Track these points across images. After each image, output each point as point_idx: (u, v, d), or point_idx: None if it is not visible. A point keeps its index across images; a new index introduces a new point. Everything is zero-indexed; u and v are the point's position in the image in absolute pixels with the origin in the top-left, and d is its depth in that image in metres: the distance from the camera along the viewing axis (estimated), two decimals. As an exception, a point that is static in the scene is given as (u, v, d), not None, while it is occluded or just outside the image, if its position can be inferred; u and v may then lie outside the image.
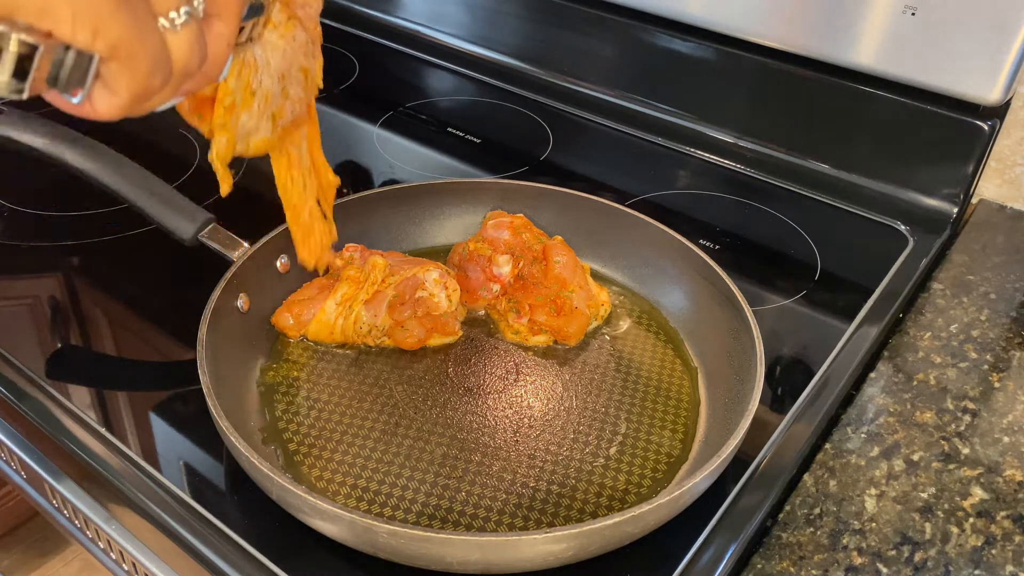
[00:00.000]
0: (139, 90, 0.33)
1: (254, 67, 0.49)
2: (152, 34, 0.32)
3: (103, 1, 0.29)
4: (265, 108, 0.51)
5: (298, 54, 0.53)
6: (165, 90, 0.34)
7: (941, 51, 0.76)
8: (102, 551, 0.61)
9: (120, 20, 0.30)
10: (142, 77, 0.32)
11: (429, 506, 0.52)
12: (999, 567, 0.51)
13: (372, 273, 0.63)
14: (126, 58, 0.31)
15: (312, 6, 0.53)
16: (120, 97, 0.33)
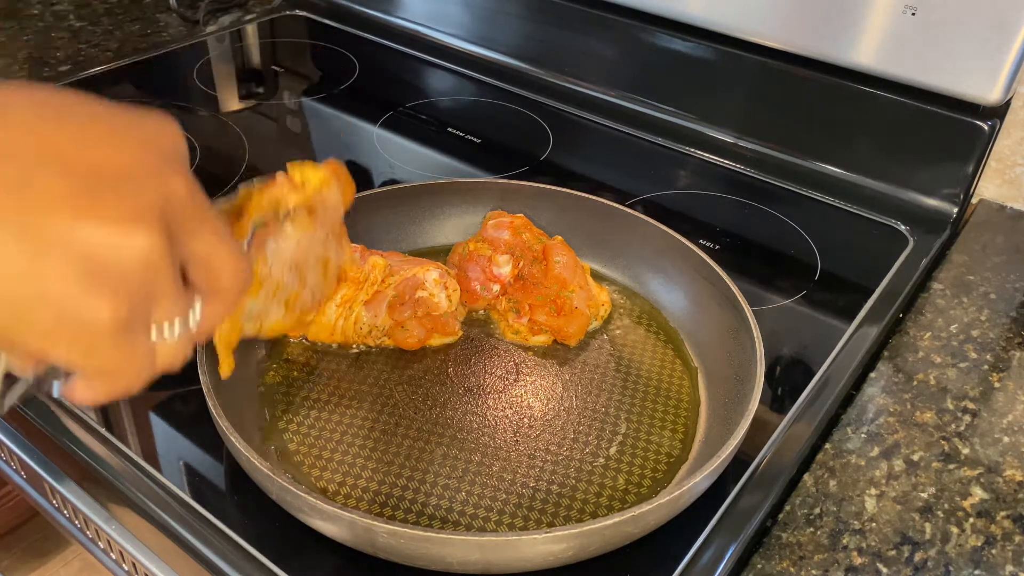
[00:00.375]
0: (118, 394, 0.32)
1: (262, 258, 0.48)
2: (140, 354, 0.31)
3: (103, 337, 0.29)
4: (274, 295, 0.50)
5: (315, 245, 0.52)
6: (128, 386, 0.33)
7: (941, 51, 0.76)
8: (102, 551, 0.60)
9: (113, 353, 0.30)
10: (122, 387, 0.32)
11: (429, 506, 0.52)
12: (999, 567, 0.51)
13: (372, 273, 0.63)
14: (110, 376, 0.31)
15: (336, 209, 0.52)
16: (98, 396, 0.32)
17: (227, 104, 0.99)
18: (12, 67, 1.02)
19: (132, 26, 1.15)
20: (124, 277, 0.29)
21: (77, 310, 0.28)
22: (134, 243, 0.29)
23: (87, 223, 0.28)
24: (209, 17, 1.18)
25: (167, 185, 0.31)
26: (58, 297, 0.28)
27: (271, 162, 0.88)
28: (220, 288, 0.34)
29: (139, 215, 0.29)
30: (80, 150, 0.29)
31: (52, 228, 0.27)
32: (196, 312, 0.34)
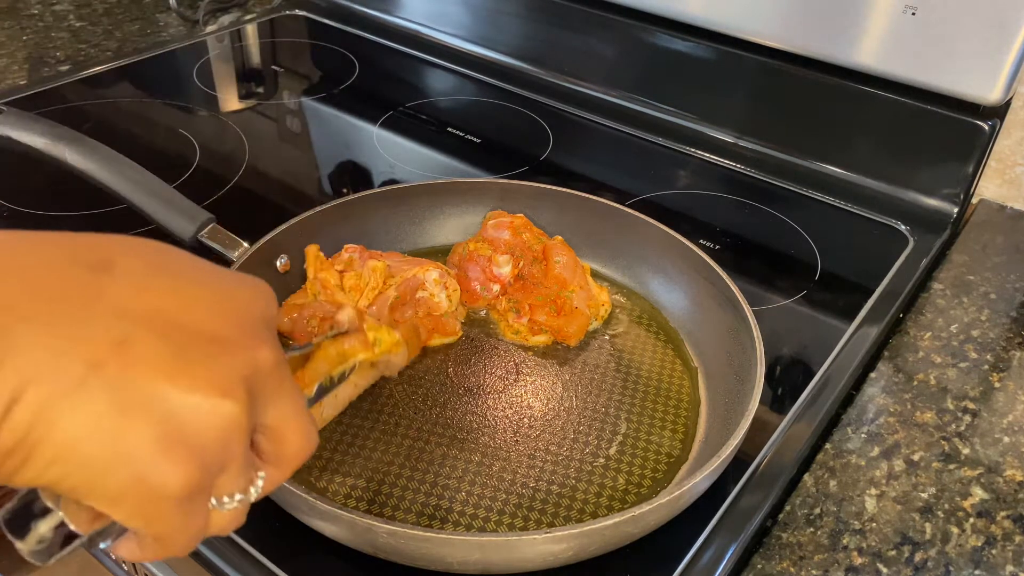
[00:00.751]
0: (165, 556, 0.32)
1: (319, 404, 0.50)
2: (196, 523, 0.31)
3: (170, 503, 0.28)
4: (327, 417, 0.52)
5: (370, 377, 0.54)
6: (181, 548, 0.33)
7: (941, 51, 0.76)
8: (102, 551, 0.60)
9: (175, 520, 0.29)
10: (172, 551, 0.31)
11: (429, 506, 0.52)
12: (999, 567, 0.51)
13: (372, 278, 0.63)
14: (164, 541, 0.30)
15: (399, 364, 0.55)
16: (146, 558, 0.32)
17: (227, 104, 0.99)
18: (12, 67, 1.02)
19: (132, 26, 1.15)
20: (203, 446, 0.29)
21: (151, 474, 0.28)
22: (219, 411, 0.29)
23: (177, 388, 0.28)
24: (209, 17, 1.18)
25: (257, 355, 0.31)
26: (135, 458, 0.27)
27: (271, 162, 0.88)
28: (286, 457, 0.34)
29: (228, 385, 0.29)
30: (182, 314, 0.30)
31: (143, 388, 0.28)
32: (258, 484, 0.33)
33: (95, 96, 0.98)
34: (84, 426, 0.27)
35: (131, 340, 0.28)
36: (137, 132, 0.92)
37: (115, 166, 0.62)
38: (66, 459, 0.27)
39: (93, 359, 0.27)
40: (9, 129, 0.61)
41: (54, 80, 0.99)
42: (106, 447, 0.27)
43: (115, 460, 0.27)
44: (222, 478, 0.31)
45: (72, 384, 0.27)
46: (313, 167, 0.89)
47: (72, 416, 0.27)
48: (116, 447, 0.27)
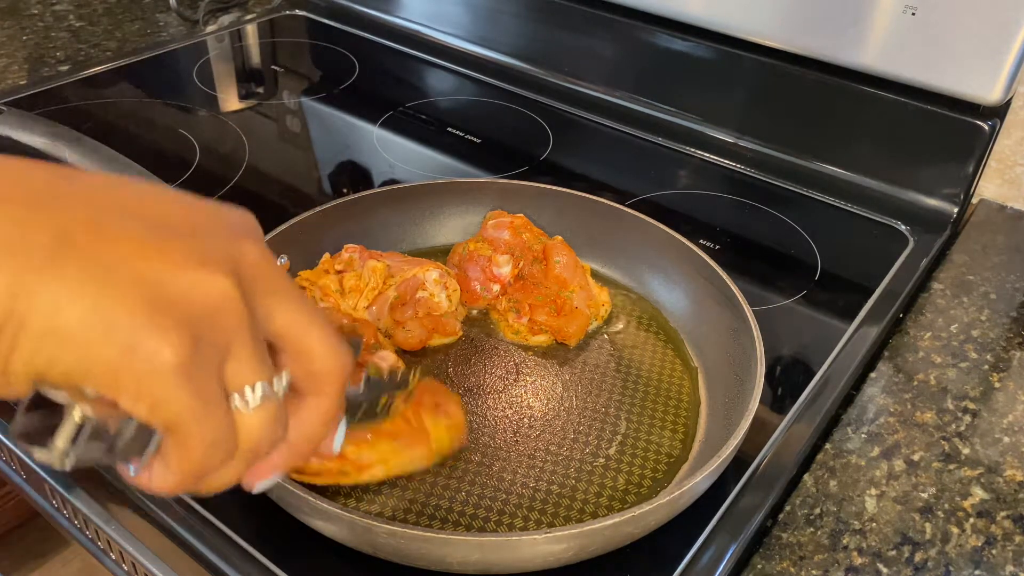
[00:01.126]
0: (193, 468, 0.30)
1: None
2: (214, 414, 0.29)
3: (167, 377, 0.27)
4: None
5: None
6: (230, 469, 0.31)
7: (941, 51, 0.76)
8: (102, 551, 0.60)
9: (180, 398, 0.28)
10: (196, 456, 0.29)
11: (429, 506, 0.52)
12: (999, 567, 0.51)
13: (372, 279, 0.63)
14: (181, 436, 0.29)
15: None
16: (173, 474, 0.30)
17: (227, 104, 0.99)
18: (12, 67, 1.02)
19: (132, 26, 1.15)
20: (192, 315, 0.28)
21: (140, 342, 0.27)
22: (205, 284, 0.28)
23: (156, 262, 0.27)
24: (209, 17, 1.18)
25: (238, 244, 0.30)
26: (120, 326, 0.27)
27: (271, 162, 0.88)
28: (319, 376, 0.32)
29: (207, 261, 0.28)
30: (155, 206, 0.29)
31: (123, 263, 0.27)
32: (283, 381, 0.31)
33: (95, 96, 0.98)
34: (62, 298, 0.26)
35: (102, 221, 0.27)
36: (137, 132, 0.92)
37: (115, 166, 0.62)
38: (52, 337, 0.26)
39: (62, 232, 0.26)
40: (9, 129, 0.61)
41: (54, 80, 1.00)
42: (88, 318, 0.26)
43: (100, 332, 0.26)
44: (230, 364, 0.29)
45: (44, 256, 0.26)
46: (313, 167, 0.89)
47: (48, 289, 0.26)
48: (98, 317, 0.26)
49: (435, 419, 0.53)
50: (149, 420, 0.28)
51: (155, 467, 0.30)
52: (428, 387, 0.56)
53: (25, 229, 0.26)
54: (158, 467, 0.30)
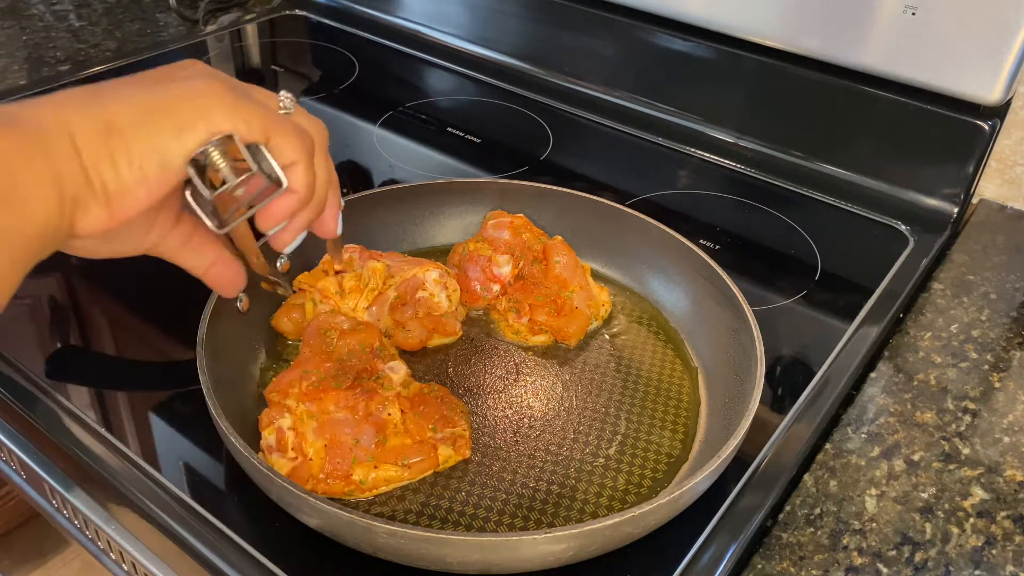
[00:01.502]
0: (302, 148, 0.41)
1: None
2: (278, 114, 0.41)
3: (232, 104, 0.38)
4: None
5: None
6: (320, 154, 0.43)
7: (942, 51, 0.76)
8: (102, 551, 0.60)
9: (248, 110, 0.38)
10: (295, 139, 0.40)
11: (429, 506, 0.52)
12: (999, 567, 0.51)
13: (372, 279, 0.63)
14: (277, 132, 0.40)
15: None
16: (298, 167, 0.41)
17: (227, 104, 0.99)
18: (12, 66, 1.02)
19: (132, 26, 1.15)
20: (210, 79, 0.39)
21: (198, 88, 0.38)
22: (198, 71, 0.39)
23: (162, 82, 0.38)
24: (209, 17, 1.18)
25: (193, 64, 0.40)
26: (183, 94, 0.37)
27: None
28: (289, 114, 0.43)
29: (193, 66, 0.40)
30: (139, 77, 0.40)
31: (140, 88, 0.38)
32: (287, 97, 0.43)
33: (95, 96, 0.98)
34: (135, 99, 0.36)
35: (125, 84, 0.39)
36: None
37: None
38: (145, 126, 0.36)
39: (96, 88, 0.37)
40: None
41: (54, 80, 0.99)
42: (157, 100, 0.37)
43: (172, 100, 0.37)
44: (254, 96, 0.40)
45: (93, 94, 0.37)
46: (313, 167, 0.89)
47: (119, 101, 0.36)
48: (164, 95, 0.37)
49: (440, 433, 0.53)
50: (249, 137, 0.38)
51: (290, 175, 0.41)
52: (433, 396, 0.56)
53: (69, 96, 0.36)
54: (291, 174, 0.41)
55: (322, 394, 0.53)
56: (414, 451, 0.52)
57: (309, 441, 0.51)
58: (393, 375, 0.56)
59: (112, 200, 0.36)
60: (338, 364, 0.55)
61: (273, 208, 0.42)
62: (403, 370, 0.57)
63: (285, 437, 0.52)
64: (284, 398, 0.54)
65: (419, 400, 0.55)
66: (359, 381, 0.55)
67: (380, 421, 0.53)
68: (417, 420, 0.53)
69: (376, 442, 0.52)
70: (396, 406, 0.54)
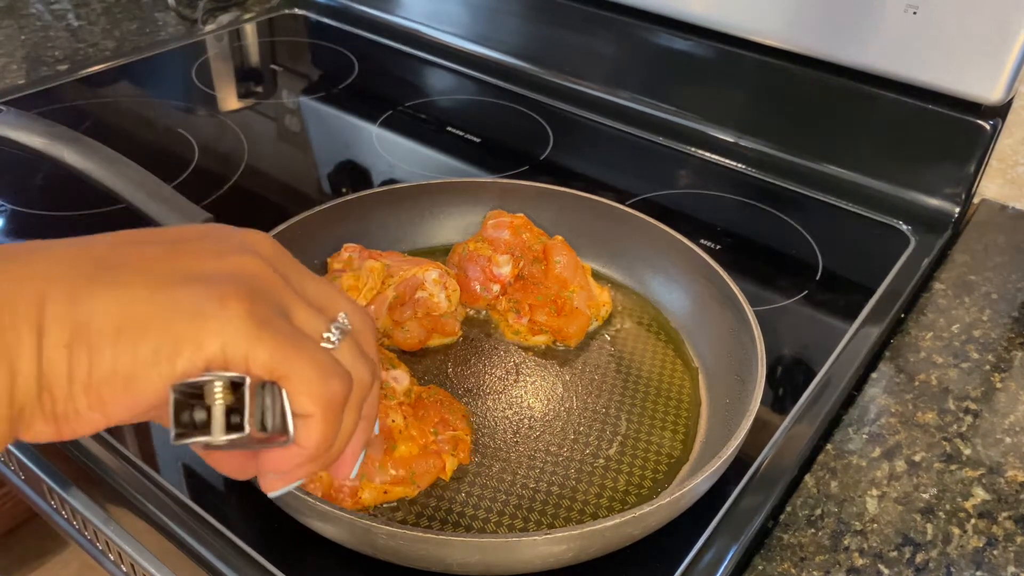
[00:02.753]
0: (323, 400, 0.32)
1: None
2: (308, 347, 0.32)
3: (244, 324, 0.30)
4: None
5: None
6: (353, 405, 0.34)
7: (943, 50, 0.75)
8: (101, 552, 0.60)
9: (270, 338, 0.30)
10: (317, 387, 0.32)
11: (429, 507, 0.52)
12: (1001, 568, 0.50)
13: (370, 279, 0.63)
14: (295, 376, 0.31)
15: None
16: (313, 421, 0.32)
17: (226, 103, 0.99)
18: (11, 66, 1.02)
19: (130, 25, 1.15)
20: (235, 280, 0.31)
21: (204, 306, 0.30)
22: (232, 262, 0.32)
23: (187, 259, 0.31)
24: (208, 16, 1.18)
25: (251, 240, 0.34)
26: (183, 303, 0.30)
27: (270, 161, 0.88)
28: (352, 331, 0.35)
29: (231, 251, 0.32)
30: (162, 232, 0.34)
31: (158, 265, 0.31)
32: (345, 320, 0.35)
33: (94, 96, 0.98)
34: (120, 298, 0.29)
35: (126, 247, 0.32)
36: (136, 132, 0.92)
37: (114, 166, 0.62)
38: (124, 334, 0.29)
39: (97, 259, 0.30)
40: (8, 129, 0.61)
41: (53, 80, 0.99)
42: (151, 306, 0.29)
43: (166, 313, 0.29)
44: (296, 318, 0.33)
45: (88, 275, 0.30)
46: (312, 167, 0.89)
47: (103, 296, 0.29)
48: (159, 302, 0.30)
49: (442, 435, 0.53)
50: (256, 372, 0.31)
51: (300, 429, 0.32)
52: (434, 399, 0.56)
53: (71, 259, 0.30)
54: (302, 428, 0.32)
55: None
56: (422, 463, 0.52)
57: None
58: (397, 385, 0.56)
59: (59, 422, 0.30)
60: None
61: (272, 455, 0.34)
62: (407, 380, 0.56)
63: None
64: None
65: (419, 404, 0.55)
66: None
67: (386, 429, 0.52)
68: (419, 425, 0.53)
69: (385, 450, 0.51)
70: (399, 413, 0.53)
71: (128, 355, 0.29)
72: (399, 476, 0.51)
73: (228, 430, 0.31)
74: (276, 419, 0.32)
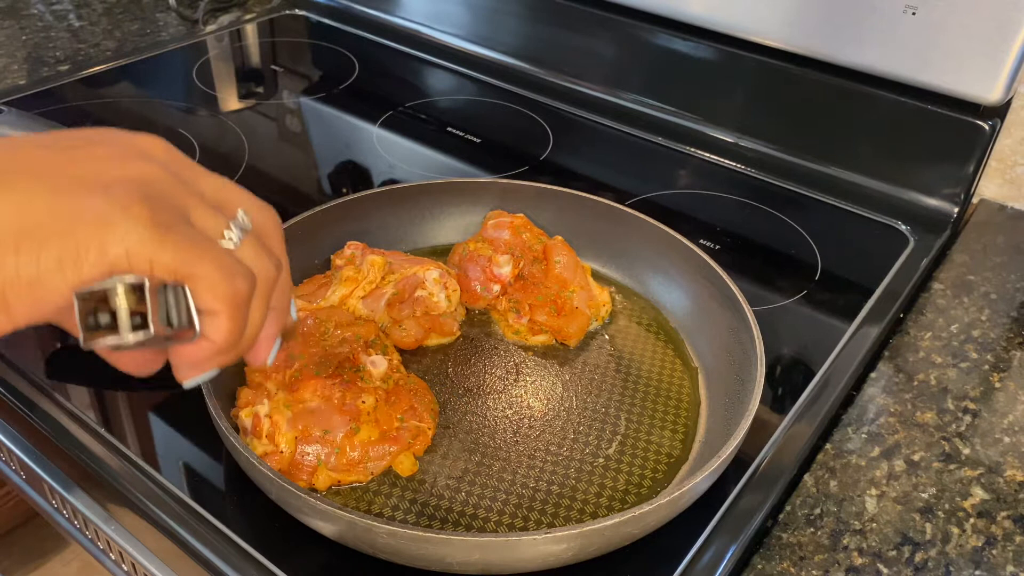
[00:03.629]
0: (227, 297, 0.34)
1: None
2: (212, 248, 0.33)
3: (148, 230, 0.31)
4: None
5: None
6: (259, 300, 0.36)
7: (942, 51, 0.76)
8: (101, 552, 0.60)
9: (173, 242, 0.32)
10: (224, 288, 0.33)
11: (429, 506, 0.52)
12: (1000, 567, 0.51)
13: (371, 272, 0.63)
14: (199, 277, 0.33)
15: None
16: (219, 316, 0.34)
17: (226, 104, 0.99)
18: (12, 66, 1.02)
19: (131, 25, 1.15)
20: (134, 185, 0.32)
21: (109, 213, 0.30)
22: (129, 166, 0.33)
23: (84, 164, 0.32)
24: (208, 16, 1.18)
25: (145, 144, 0.35)
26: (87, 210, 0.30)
27: (271, 162, 0.88)
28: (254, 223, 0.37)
29: (126, 156, 0.33)
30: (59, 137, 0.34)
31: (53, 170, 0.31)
32: (244, 217, 0.36)
33: (95, 96, 0.98)
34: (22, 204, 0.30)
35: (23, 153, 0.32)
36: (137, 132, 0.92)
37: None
38: (28, 238, 0.29)
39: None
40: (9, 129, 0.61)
41: (54, 80, 0.99)
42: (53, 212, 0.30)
43: (69, 219, 0.30)
44: (195, 220, 0.34)
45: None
46: (313, 167, 0.89)
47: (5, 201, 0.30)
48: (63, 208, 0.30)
49: (406, 423, 0.54)
50: (159, 275, 0.32)
51: (207, 325, 0.34)
52: (408, 387, 0.56)
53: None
54: (209, 324, 0.34)
55: (300, 383, 0.53)
56: (378, 448, 0.52)
57: (282, 432, 0.51)
58: (373, 369, 0.56)
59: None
60: (324, 351, 0.56)
61: (184, 350, 0.35)
62: (384, 365, 0.57)
63: (261, 424, 0.52)
64: (265, 380, 0.54)
65: (393, 391, 0.55)
66: (340, 371, 0.55)
67: (355, 409, 0.53)
68: (387, 409, 0.54)
69: (346, 432, 0.52)
70: (372, 395, 0.54)
71: (31, 261, 0.29)
72: (353, 459, 0.51)
73: (134, 330, 0.32)
74: (182, 316, 0.33)
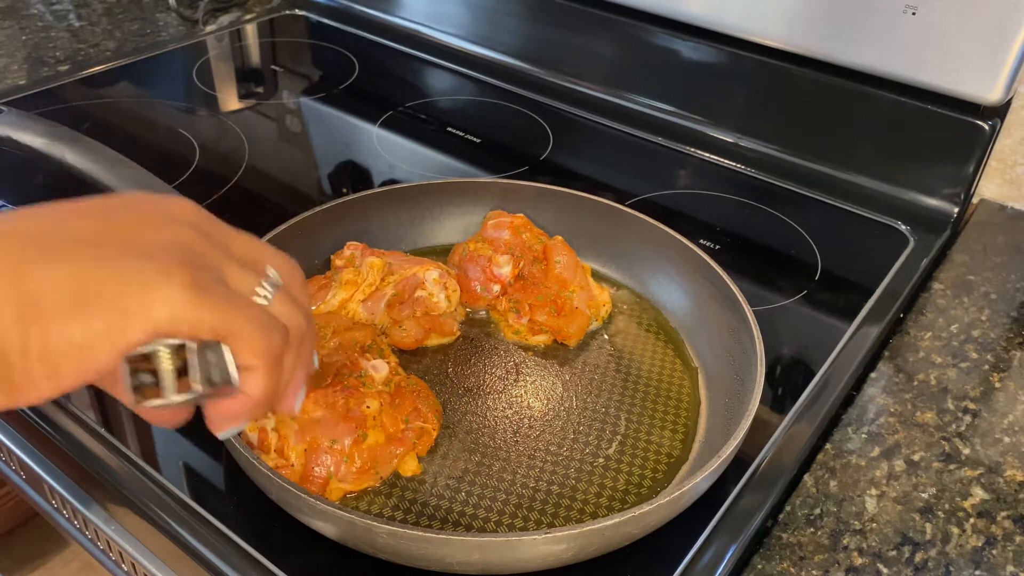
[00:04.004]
0: (265, 353, 0.35)
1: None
2: (248, 306, 0.35)
3: (188, 292, 0.32)
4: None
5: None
6: (292, 353, 0.37)
7: (941, 51, 0.76)
8: (101, 552, 0.60)
9: (212, 304, 0.33)
10: (260, 343, 0.35)
11: (429, 506, 0.52)
12: (1000, 567, 0.51)
13: (370, 274, 0.63)
14: (237, 334, 0.34)
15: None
16: (257, 372, 0.35)
17: (226, 104, 0.99)
18: (12, 66, 1.02)
19: (131, 25, 1.15)
20: (172, 250, 0.33)
21: (150, 279, 0.32)
22: (164, 233, 0.34)
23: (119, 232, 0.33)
24: (208, 17, 1.18)
25: (174, 209, 0.36)
26: (129, 276, 0.31)
27: (271, 162, 0.88)
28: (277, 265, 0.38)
29: (158, 224, 0.34)
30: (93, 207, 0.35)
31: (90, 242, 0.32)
32: (274, 273, 0.38)
33: (95, 96, 0.98)
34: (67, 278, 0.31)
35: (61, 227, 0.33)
36: (137, 132, 0.92)
37: (115, 166, 0.62)
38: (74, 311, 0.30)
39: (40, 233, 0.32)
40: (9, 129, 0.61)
41: (54, 80, 0.99)
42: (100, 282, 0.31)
43: (115, 287, 0.31)
44: (230, 280, 0.35)
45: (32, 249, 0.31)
46: (313, 167, 0.89)
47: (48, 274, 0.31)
48: (105, 277, 0.31)
49: (411, 425, 0.54)
50: (201, 336, 0.33)
51: (244, 379, 0.35)
52: (411, 388, 0.56)
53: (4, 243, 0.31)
54: (248, 379, 0.36)
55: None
56: (384, 451, 0.52)
57: (291, 445, 0.51)
58: (375, 374, 0.56)
59: (15, 392, 0.31)
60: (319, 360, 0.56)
61: (222, 404, 0.37)
62: (385, 369, 0.56)
63: (268, 438, 0.52)
64: None
65: (396, 393, 0.55)
66: (339, 378, 0.55)
67: (359, 416, 0.53)
68: (391, 412, 0.54)
69: (354, 439, 0.52)
70: (376, 399, 0.54)
71: (82, 328, 0.30)
72: (364, 466, 0.51)
73: (178, 391, 0.34)
74: (222, 373, 0.35)
